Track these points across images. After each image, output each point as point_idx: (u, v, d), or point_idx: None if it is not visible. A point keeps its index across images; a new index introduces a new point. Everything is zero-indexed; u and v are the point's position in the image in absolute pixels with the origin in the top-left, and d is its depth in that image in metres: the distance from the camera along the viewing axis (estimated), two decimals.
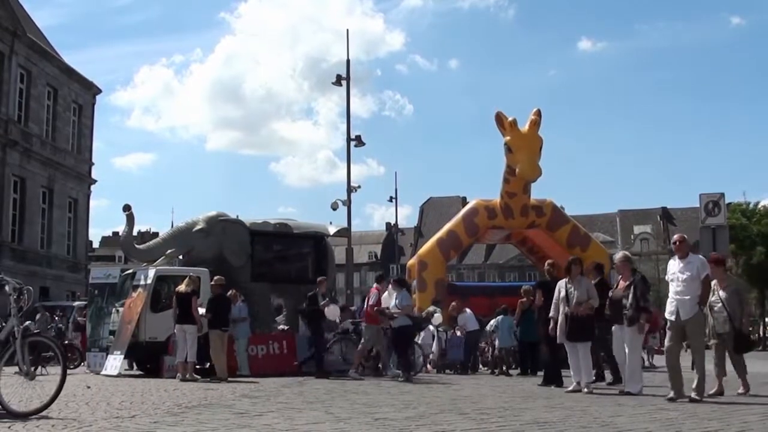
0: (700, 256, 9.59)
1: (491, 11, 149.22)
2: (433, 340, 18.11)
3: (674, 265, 9.37)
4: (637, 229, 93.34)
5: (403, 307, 13.73)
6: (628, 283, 10.30)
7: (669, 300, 9.34)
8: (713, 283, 10.17)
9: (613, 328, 10.47)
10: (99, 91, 40.57)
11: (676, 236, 9.82)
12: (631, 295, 10.14)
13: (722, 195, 17.22)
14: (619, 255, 11.10)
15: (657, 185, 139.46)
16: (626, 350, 10.23)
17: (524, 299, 15.71)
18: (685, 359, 10.17)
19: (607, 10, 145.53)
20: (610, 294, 10.60)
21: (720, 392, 10.04)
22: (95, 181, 39.73)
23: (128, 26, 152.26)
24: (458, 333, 17.78)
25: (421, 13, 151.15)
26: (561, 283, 11.11)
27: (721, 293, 10.35)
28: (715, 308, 10.29)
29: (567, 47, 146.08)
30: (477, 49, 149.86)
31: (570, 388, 10.65)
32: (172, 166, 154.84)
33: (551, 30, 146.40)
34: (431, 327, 18.26)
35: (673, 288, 9.28)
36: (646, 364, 18.00)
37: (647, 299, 10.32)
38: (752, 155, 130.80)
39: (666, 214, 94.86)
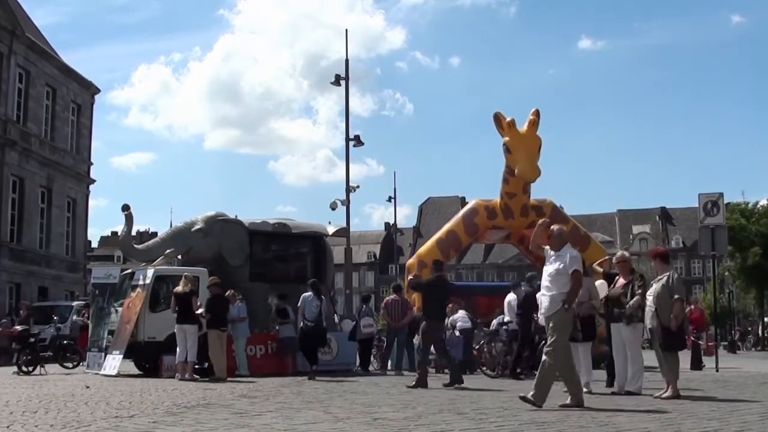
0: (573, 250, 8.62)
1: (492, 8, 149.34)
2: None
3: (546, 258, 8.71)
4: (636, 229, 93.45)
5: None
6: (626, 282, 10.26)
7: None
8: (657, 277, 9.80)
9: (611, 327, 10.42)
10: (98, 90, 40.54)
11: (552, 227, 8.84)
12: (629, 295, 10.11)
13: (721, 195, 17.21)
14: (617, 254, 11.07)
15: (656, 185, 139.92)
16: (627, 350, 10.19)
17: None
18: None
19: (608, 9, 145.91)
20: (608, 292, 10.56)
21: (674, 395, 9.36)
22: (94, 181, 39.74)
23: (127, 25, 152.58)
24: (457, 333, 17.77)
25: (422, 11, 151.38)
26: None
27: (655, 286, 9.78)
28: (648, 302, 9.82)
29: (567, 46, 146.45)
30: (477, 46, 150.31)
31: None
32: (170, 165, 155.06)
33: (552, 28, 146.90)
34: None
35: (542, 283, 8.67)
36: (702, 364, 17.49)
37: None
38: (751, 155, 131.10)
39: (665, 214, 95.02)
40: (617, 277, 10.67)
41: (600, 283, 11.22)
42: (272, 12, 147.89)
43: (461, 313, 17.96)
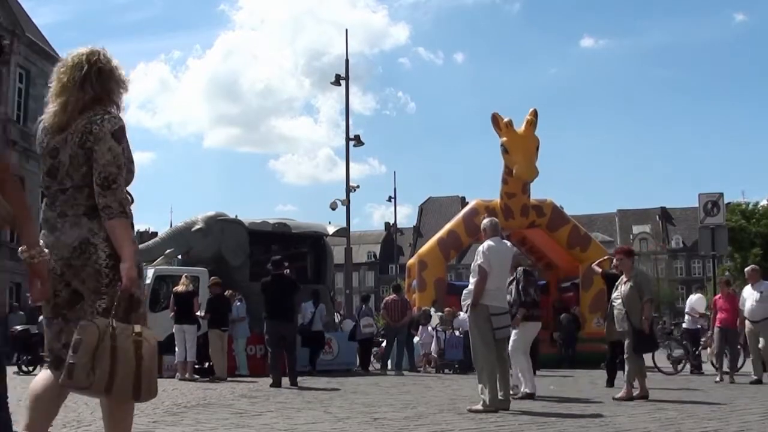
0: (485, 244, 8.08)
1: (496, 3, 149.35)
2: (433, 339, 18.16)
3: None
4: (636, 229, 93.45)
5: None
6: (510, 278, 9.40)
7: None
8: (624, 279, 9.53)
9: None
10: None
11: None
12: (513, 291, 9.51)
13: (721, 195, 17.23)
14: None
15: (656, 185, 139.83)
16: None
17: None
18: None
19: (610, 8, 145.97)
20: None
21: (643, 395, 9.08)
22: None
23: (129, 24, 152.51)
24: (457, 333, 17.79)
25: (426, 8, 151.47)
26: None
27: (623, 288, 9.45)
28: (616, 304, 9.54)
29: (569, 44, 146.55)
30: (479, 44, 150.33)
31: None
32: (169, 164, 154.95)
33: (554, 27, 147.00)
34: (430, 327, 18.31)
35: None
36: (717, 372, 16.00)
37: (529, 292, 9.61)
38: (751, 155, 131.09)
39: (665, 214, 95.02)
40: None
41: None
42: (273, 8, 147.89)
43: (462, 315, 17.95)
